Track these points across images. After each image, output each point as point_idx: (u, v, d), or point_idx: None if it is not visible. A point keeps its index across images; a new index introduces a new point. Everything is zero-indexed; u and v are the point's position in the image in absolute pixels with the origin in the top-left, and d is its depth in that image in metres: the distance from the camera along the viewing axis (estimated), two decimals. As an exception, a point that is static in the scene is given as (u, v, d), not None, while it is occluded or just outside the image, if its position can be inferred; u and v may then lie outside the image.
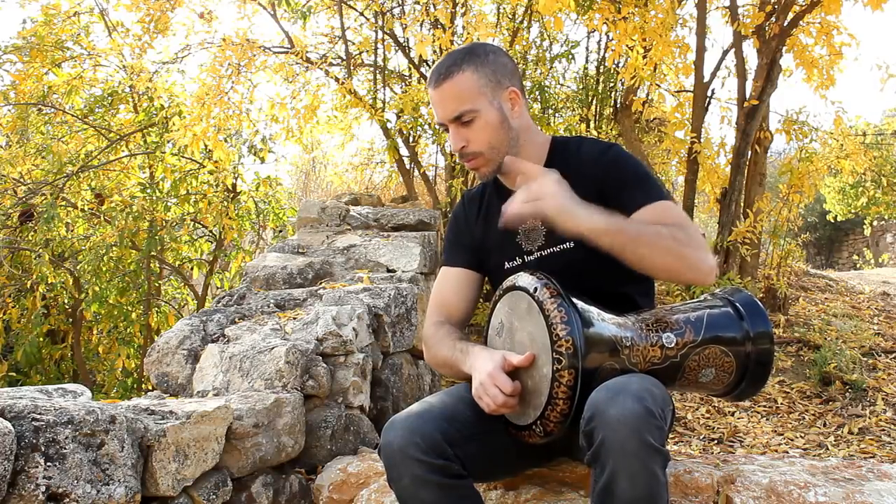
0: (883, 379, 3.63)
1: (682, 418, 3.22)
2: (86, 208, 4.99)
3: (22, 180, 5.10)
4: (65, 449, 1.33)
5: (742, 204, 4.65)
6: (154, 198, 4.78)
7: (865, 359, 3.83)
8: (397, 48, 5.25)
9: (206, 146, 4.53)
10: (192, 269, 5.26)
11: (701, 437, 3.04)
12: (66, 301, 5.08)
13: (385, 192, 5.96)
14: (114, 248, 4.55)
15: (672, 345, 1.37)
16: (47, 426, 1.33)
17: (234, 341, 2.22)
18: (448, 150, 4.73)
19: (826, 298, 5.36)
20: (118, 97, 5.23)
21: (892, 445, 2.92)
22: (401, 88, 5.21)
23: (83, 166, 4.75)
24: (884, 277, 6.84)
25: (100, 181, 5.20)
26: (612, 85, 5.51)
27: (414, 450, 1.29)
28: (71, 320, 5.08)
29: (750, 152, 4.62)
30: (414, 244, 3.28)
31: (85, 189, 5.20)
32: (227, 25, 26.58)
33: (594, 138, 1.60)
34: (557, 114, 5.43)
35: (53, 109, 5.24)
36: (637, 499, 1.14)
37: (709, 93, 4.72)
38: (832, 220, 11.46)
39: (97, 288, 4.55)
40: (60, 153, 4.89)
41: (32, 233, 4.79)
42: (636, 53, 4.45)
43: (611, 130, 5.43)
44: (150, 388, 2.38)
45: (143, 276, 4.86)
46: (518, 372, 1.36)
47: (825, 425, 3.17)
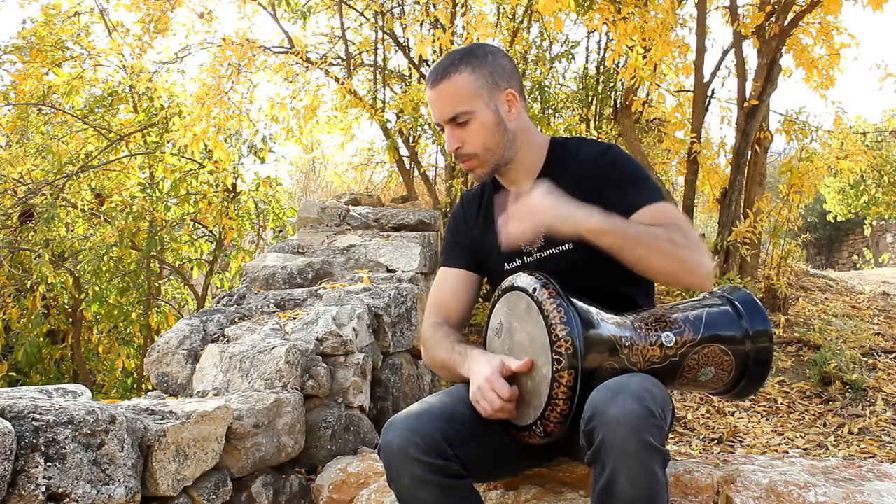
0: (883, 379, 3.62)
1: (682, 418, 3.22)
2: (86, 208, 4.99)
3: (22, 180, 5.10)
4: (65, 449, 1.33)
5: (742, 204, 4.64)
6: (154, 198, 4.78)
7: (865, 359, 3.83)
8: (397, 48, 5.25)
9: (206, 146, 4.53)
10: (192, 269, 5.26)
11: (701, 437, 3.04)
12: (66, 301, 5.08)
13: (385, 192, 5.95)
14: (114, 248, 4.55)
15: (671, 344, 1.37)
16: (47, 426, 1.33)
17: (234, 341, 2.23)
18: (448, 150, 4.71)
19: (826, 298, 5.36)
20: (118, 97, 5.23)
21: (892, 445, 2.92)
22: (401, 88, 5.20)
23: (83, 166, 4.75)
24: (884, 277, 6.84)
25: (100, 181, 5.20)
26: (612, 85, 5.50)
27: (414, 450, 1.29)
28: (71, 320, 5.07)
29: (750, 152, 4.62)
30: (414, 244, 3.29)
31: (85, 189, 5.20)
32: (227, 25, 26.60)
33: (593, 139, 1.60)
34: (557, 114, 5.42)
35: (53, 109, 5.24)
36: (637, 498, 1.14)
37: (709, 93, 4.72)
38: (832, 220, 11.46)
39: (97, 288, 4.55)
40: (60, 153, 4.89)
41: (32, 233, 4.79)
42: (636, 53, 4.45)
43: (611, 130, 5.43)
44: (150, 388, 2.38)
45: (143, 276, 4.86)
46: (517, 374, 1.36)
47: (825, 425, 3.17)
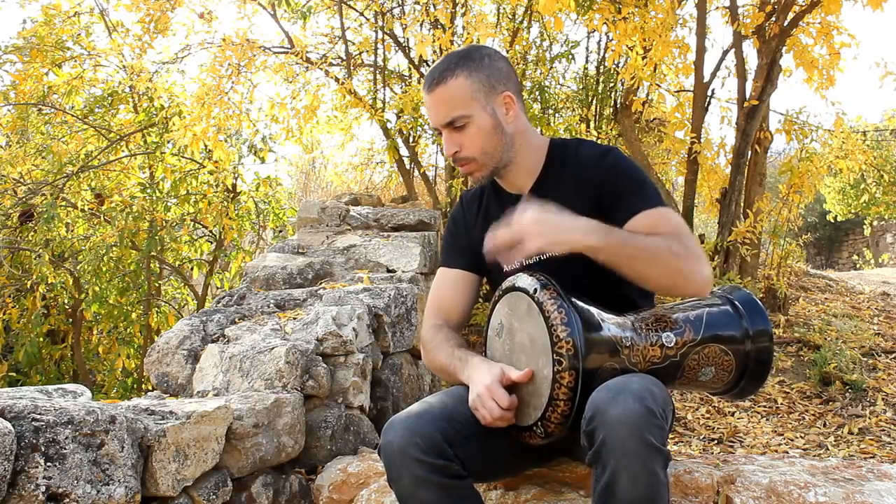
0: (883, 379, 3.62)
1: (682, 418, 3.22)
2: (86, 208, 4.98)
3: (22, 180, 5.10)
4: (65, 449, 1.33)
5: (742, 204, 4.64)
6: (154, 198, 4.78)
7: (865, 359, 3.83)
8: (397, 48, 5.25)
9: (206, 146, 4.53)
10: (192, 269, 5.26)
11: (701, 437, 3.04)
12: (66, 301, 5.08)
13: (385, 192, 5.95)
14: (114, 248, 4.55)
15: (672, 344, 1.37)
16: (47, 426, 1.33)
17: (234, 341, 2.23)
18: (447, 151, 4.71)
19: (826, 298, 5.36)
20: (118, 97, 5.23)
21: (892, 445, 2.92)
22: (401, 88, 5.20)
23: (83, 166, 4.75)
24: (884, 277, 6.83)
25: (100, 181, 5.19)
26: (612, 85, 5.50)
27: (414, 450, 1.29)
28: (71, 320, 5.07)
29: (750, 152, 4.62)
30: (414, 244, 3.29)
31: (85, 189, 5.20)
32: (227, 25, 26.60)
33: (592, 141, 1.60)
34: (557, 114, 5.43)
35: (53, 109, 5.24)
36: (638, 499, 1.14)
37: (709, 93, 4.72)
38: (832, 220, 11.45)
39: (97, 288, 4.55)
40: (60, 153, 4.89)
41: (32, 233, 4.79)
42: (636, 54, 4.45)
43: (611, 131, 5.43)
44: (150, 389, 2.38)
45: (143, 277, 4.86)
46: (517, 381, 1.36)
47: (825, 425, 3.17)
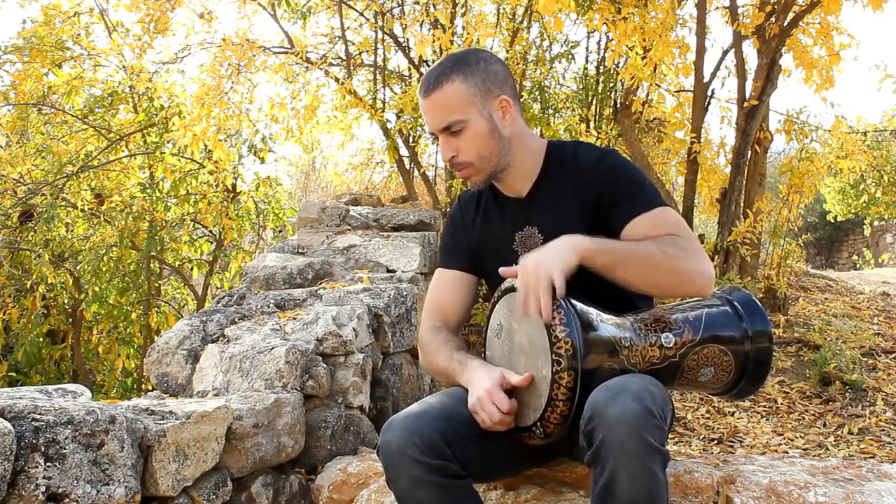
0: (883, 379, 3.62)
1: (682, 418, 3.22)
2: (86, 208, 4.98)
3: (22, 180, 5.10)
4: (65, 449, 1.33)
5: (742, 204, 4.64)
6: (154, 198, 4.78)
7: (865, 359, 3.83)
8: (397, 48, 5.25)
9: (206, 146, 4.53)
10: (192, 269, 5.26)
11: (701, 437, 3.04)
12: (66, 301, 5.08)
13: (385, 192, 5.95)
14: (114, 248, 4.55)
15: (671, 344, 1.37)
16: (47, 426, 1.33)
17: (234, 341, 2.23)
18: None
19: (826, 298, 5.36)
20: (118, 97, 5.23)
21: (892, 445, 2.92)
22: (401, 88, 5.20)
23: (83, 166, 4.75)
24: (884, 277, 6.83)
25: (100, 181, 5.19)
26: (612, 85, 5.50)
27: (412, 450, 1.29)
28: (71, 320, 5.08)
29: (750, 152, 4.62)
30: (414, 244, 3.29)
31: (85, 189, 5.20)
32: (227, 25, 26.59)
33: (590, 143, 1.60)
34: (557, 114, 5.43)
35: (53, 109, 5.24)
36: (637, 499, 1.15)
37: (709, 93, 4.71)
38: (832, 220, 11.46)
39: (97, 288, 4.55)
40: (60, 153, 4.89)
41: (32, 233, 4.79)
42: (636, 54, 4.45)
43: (611, 131, 5.42)
44: (150, 389, 2.38)
45: (143, 277, 4.86)
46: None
47: (825, 425, 3.17)
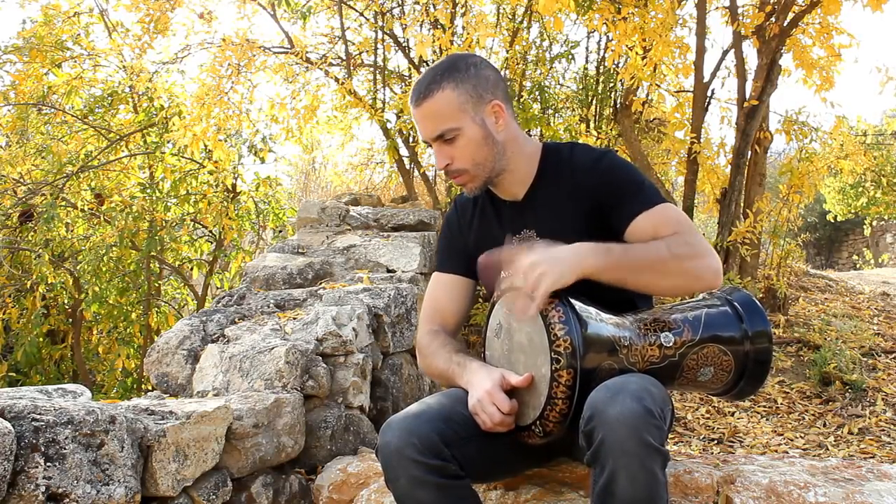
0: (883, 379, 3.62)
1: (682, 418, 3.22)
2: (86, 208, 4.99)
3: (22, 180, 5.10)
4: (65, 449, 1.33)
5: (742, 204, 4.64)
6: (154, 198, 4.78)
7: (865, 359, 3.83)
8: (397, 48, 5.25)
9: (206, 146, 4.53)
10: (192, 269, 5.26)
11: (701, 437, 3.04)
12: (66, 301, 5.08)
13: (385, 192, 5.95)
14: (114, 248, 4.55)
15: (670, 344, 1.37)
16: (47, 426, 1.33)
17: (234, 341, 2.23)
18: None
19: (826, 298, 5.36)
20: (118, 97, 5.23)
21: (892, 445, 2.92)
22: (401, 88, 5.20)
23: (83, 166, 4.75)
24: (884, 277, 6.84)
25: (100, 181, 5.20)
26: (612, 85, 5.50)
27: (411, 450, 1.29)
28: (71, 320, 5.08)
29: (750, 152, 4.62)
30: (414, 244, 3.29)
31: (85, 189, 5.20)
32: (227, 25, 26.58)
33: (586, 144, 1.59)
34: (557, 114, 5.42)
35: (53, 109, 5.24)
36: (637, 499, 1.14)
37: (709, 93, 4.71)
38: (832, 220, 11.45)
39: (97, 288, 4.55)
40: (60, 153, 4.89)
41: (32, 233, 4.79)
42: (635, 54, 4.45)
43: (610, 131, 5.42)
44: (150, 389, 2.38)
45: (143, 277, 4.86)
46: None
47: (825, 425, 3.17)
